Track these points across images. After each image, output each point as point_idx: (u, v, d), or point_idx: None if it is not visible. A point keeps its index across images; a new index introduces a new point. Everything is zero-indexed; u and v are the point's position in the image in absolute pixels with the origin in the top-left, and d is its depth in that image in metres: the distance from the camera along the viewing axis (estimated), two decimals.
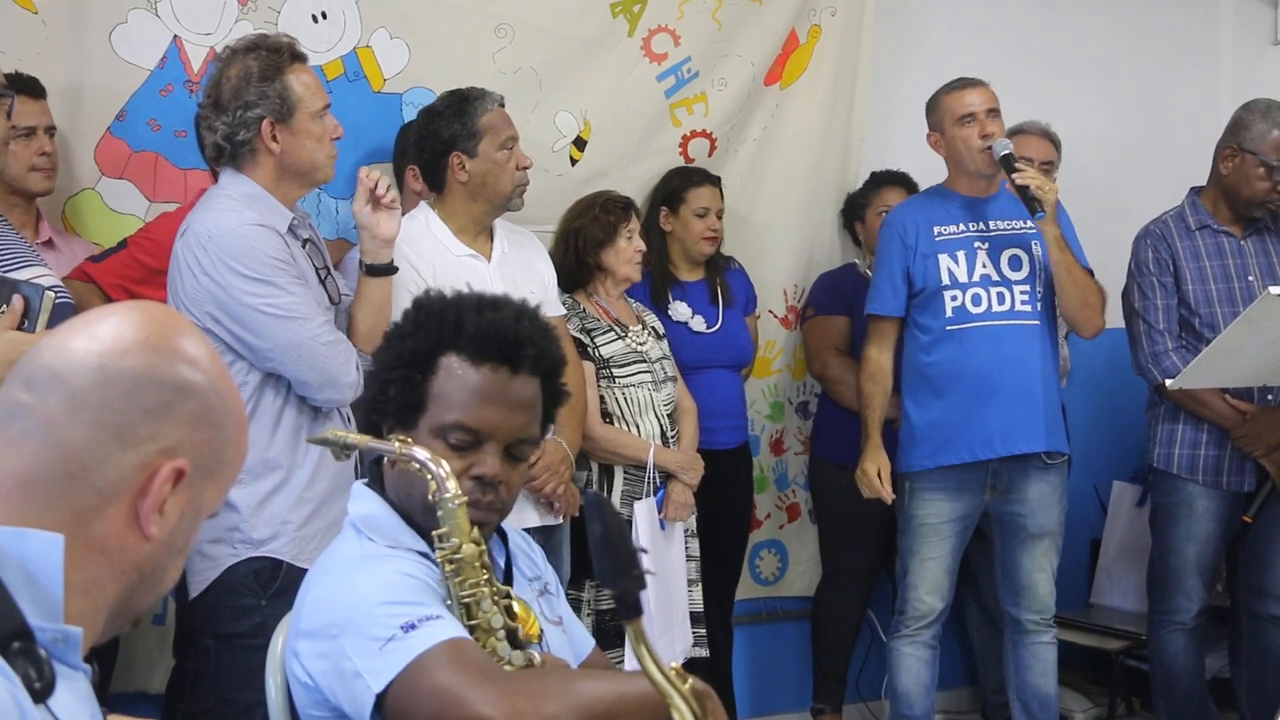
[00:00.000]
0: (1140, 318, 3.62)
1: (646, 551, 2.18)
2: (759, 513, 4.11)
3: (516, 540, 1.92)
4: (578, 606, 3.28)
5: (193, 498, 1.16)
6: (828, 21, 4.04)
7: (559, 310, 3.27)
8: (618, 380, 3.39)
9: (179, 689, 2.79)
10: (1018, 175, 3.29)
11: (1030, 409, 3.39)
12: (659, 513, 3.37)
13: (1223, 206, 3.64)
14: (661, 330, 3.58)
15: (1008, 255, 3.44)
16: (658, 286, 3.70)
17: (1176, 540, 3.63)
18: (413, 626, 1.56)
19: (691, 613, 3.43)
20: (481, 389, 1.70)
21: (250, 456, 1.42)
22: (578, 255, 3.44)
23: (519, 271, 3.15)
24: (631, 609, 1.34)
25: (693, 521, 3.49)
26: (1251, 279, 3.56)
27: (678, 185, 3.74)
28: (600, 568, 1.35)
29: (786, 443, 4.18)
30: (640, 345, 3.44)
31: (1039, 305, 3.43)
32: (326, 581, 1.69)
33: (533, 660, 1.69)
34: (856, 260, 4.13)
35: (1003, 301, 3.41)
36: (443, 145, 3.06)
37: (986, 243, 3.45)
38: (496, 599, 1.68)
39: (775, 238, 4.08)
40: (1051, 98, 4.32)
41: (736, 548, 3.87)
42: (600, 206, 3.46)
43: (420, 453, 1.66)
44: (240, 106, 2.55)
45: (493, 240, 3.16)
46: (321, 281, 2.68)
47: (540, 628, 1.77)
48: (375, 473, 1.81)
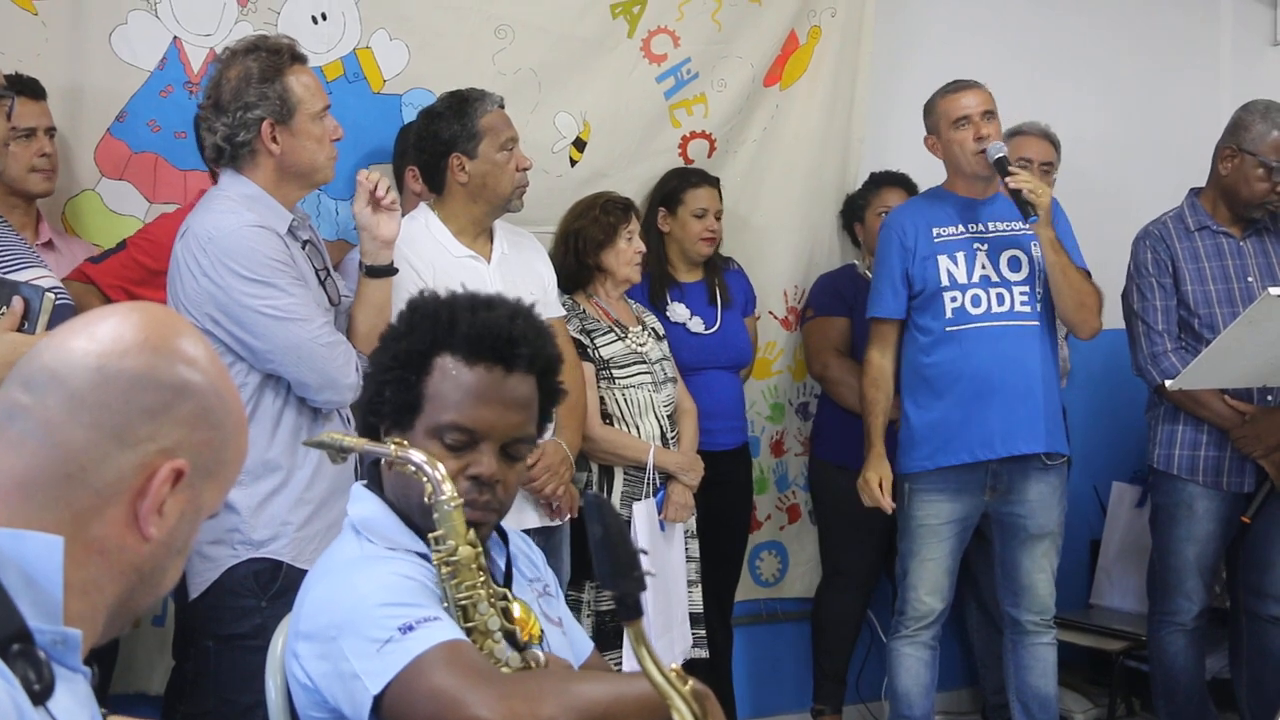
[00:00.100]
0: (1139, 319, 3.62)
1: (646, 553, 2.18)
2: (759, 514, 4.11)
3: (517, 542, 1.92)
4: (578, 607, 3.28)
5: (192, 498, 1.16)
6: (827, 22, 4.04)
7: (559, 311, 3.27)
8: (618, 381, 3.39)
9: (179, 690, 2.79)
10: (1010, 179, 3.28)
11: (1030, 410, 3.39)
12: (659, 514, 3.37)
13: (1222, 207, 3.64)
14: (661, 331, 3.58)
15: (1007, 256, 3.44)
16: (656, 287, 3.69)
17: (1176, 541, 3.63)
18: (411, 628, 1.56)
19: (691, 614, 3.43)
20: (476, 389, 1.70)
21: (250, 458, 1.42)
22: (578, 256, 3.44)
23: (519, 272, 3.14)
24: (631, 610, 1.34)
25: (692, 523, 3.48)
26: (1251, 280, 3.56)
27: (675, 186, 3.74)
28: (600, 569, 1.35)
29: (787, 444, 4.17)
30: (640, 346, 3.44)
31: (1038, 306, 3.42)
32: (326, 583, 1.69)
33: (537, 661, 1.69)
34: (856, 261, 4.12)
35: (1002, 302, 3.41)
36: (442, 146, 3.05)
37: (985, 244, 3.45)
38: (493, 601, 1.68)
39: (775, 239, 4.07)
40: (1051, 98, 4.32)
41: (736, 548, 3.87)
42: (600, 208, 3.46)
43: (416, 455, 1.66)
44: (240, 108, 2.54)
45: (492, 241, 3.15)
46: (321, 283, 2.68)
47: (541, 628, 1.76)
48: (374, 474, 1.81)
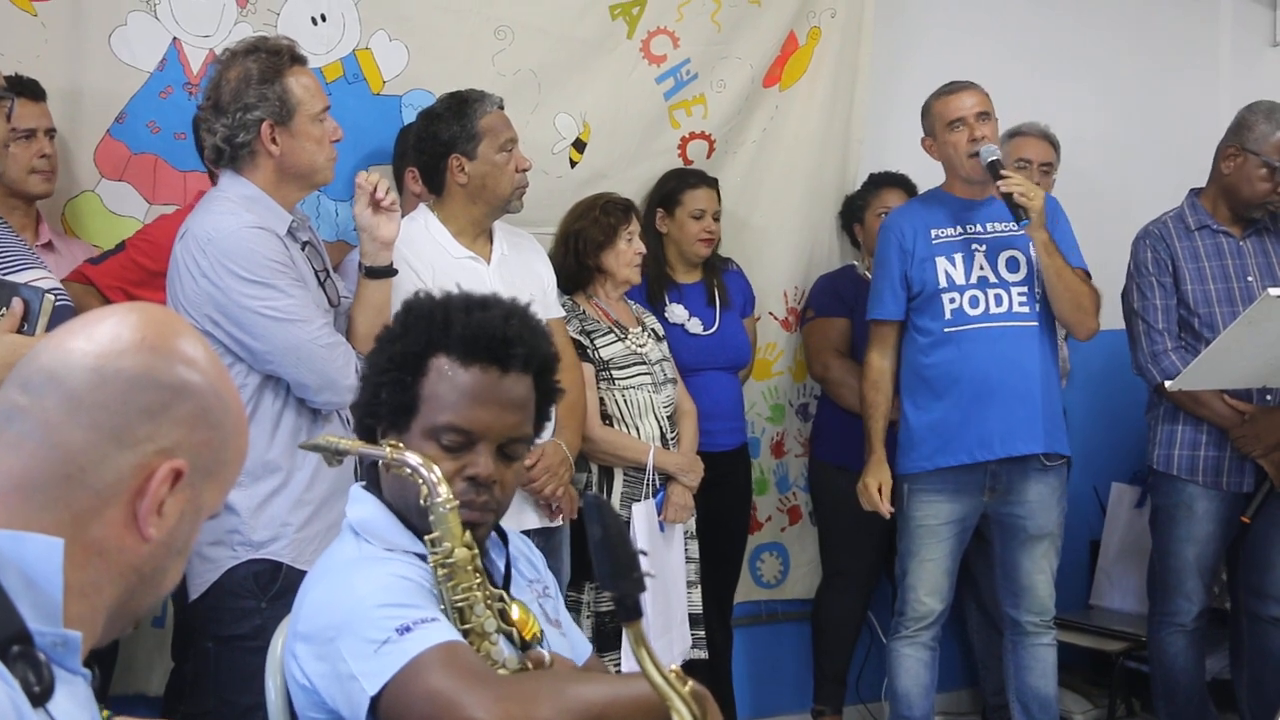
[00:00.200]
0: (1139, 317, 3.62)
1: (646, 554, 2.17)
2: (760, 515, 4.11)
3: (517, 543, 1.92)
4: (577, 608, 3.28)
5: (192, 498, 1.15)
6: (827, 23, 4.04)
7: (558, 312, 3.26)
8: (617, 382, 3.39)
9: (178, 691, 2.80)
10: (1002, 183, 3.27)
11: (1029, 410, 3.38)
12: (658, 515, 3.36)
13: (1222, 206, 3.64)
14: (661, 332, 3.57)
15: (1005, 257, 3.44)
16: (654, 288, 3.69)
17: (1176, 542, 3.63)
18: (408, 629, 1.56)
19: (690, 615, 3.43)
20: (472, 390, 1.70)
21: (250, 459, 1.42)
22: (578, 257, 3.44)
23: (518, 273, 3.14)
24: (631, 611, 1.34)
25: (692, 524, 3.48)
26: (1250, 279, 3.57)
27: (673, 187, 3.74)
28: (600, 570, 1.34)
29: (787, 445, 4.17)
30: (640, 347, 3.44)
31: (1037, 307, 3.42)
32: (324, 584, 1.69)
33: (542, 660, 1.68)
34: (855, 262, 4.12)
35: (1000, 303, 3.41)
36: (442, 147, 3.05)
37: (983, 245, 3.44)
38: (490, 603, 1.67)
39: (774, 239, 4.07)
40: (1051, 98, 4.32)
41: (735, 549, 3.86)
42: (600, 208, 3.45)
43: (412, 458, 1.66)
44: (240, 109, 2.54)
45: (492, 242, 3.15)
46: (321, 284, 2.68)
47: (540, 629, 1.76)
48: (373, 475, 1.81)
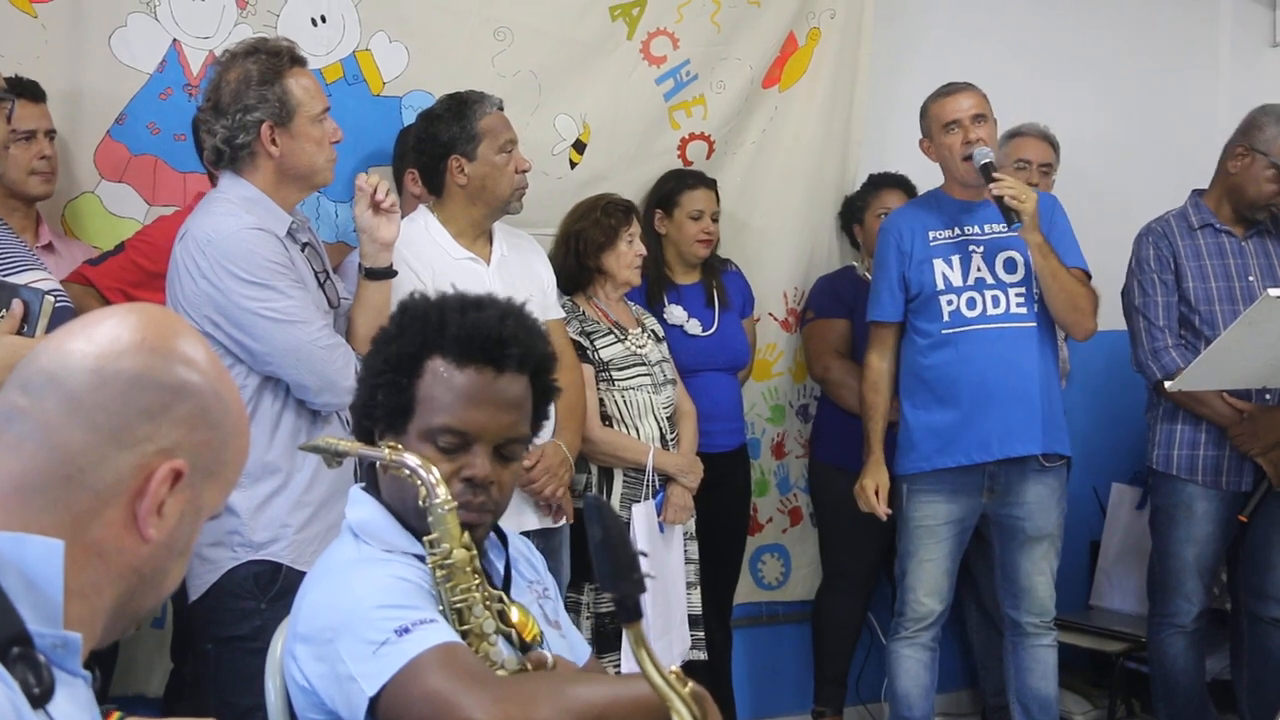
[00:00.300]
0: (1140, 314, 3.62)
1: (646, 555, 2.17)
2: (761, 517, 4.10)
3: (516, 544, 1.92)
4: (577, 609, 3.28)
5: (192, 498, 1.15)
6: (827, 24, 4.04)
7: (558, 313, 3.26)
8: (617, 383, 3.39)
9: (178, 692, 2.80)
10: (994, 185, 3.27)
11: (1028, 411, 3.38)
12: (658, 516, 3.36)
13: (1226, 206, 3.64)
14: (661, 333, 3.57)
15: (1002, 258, 3.43)
16: (653, 289, 3.69)
17: (1176, 542, 3.63)
18: (406, 630, 1.55)
19: (690, 616, 3.42)
20: (467, 390, 1.70)
21: (249, 460, 1.42)
22: (578, 258, 3.44)
23: (518, 274, 3.14)
24: (631, 612, 1.34)
25: (691, 524, 3.48)
26: (1252, 279, 3.57)
27: (672, 188, 3.73)
28: (600, 571, 1.34)
29: (788, 446, 4.17)
30: (640, 348, 3.44)
31: (1035, 307, 3.42)
32: (323, 585, 1.69)
33: (544, 661, 1.68)
34: (855, 263, 4.12)
35: (998, 305, 3.40)
36: (441, 148, 3.05)
37: (980, 247, 3.44)
38: (488, 604, 1.67)
39: (774, 240, 4.07)
40: (1051, 99, 4.32)
41: (735, 550, 3.86)
42: (601, 210, 3.45)
43: (410, 459, 1.66)
44: (239, 110, 2.54)
45: (492, 243, 3.15)
46: (320, 285, 2.67)
47: (540, 630, 1.76)
48: (372, 476, 1.81)
